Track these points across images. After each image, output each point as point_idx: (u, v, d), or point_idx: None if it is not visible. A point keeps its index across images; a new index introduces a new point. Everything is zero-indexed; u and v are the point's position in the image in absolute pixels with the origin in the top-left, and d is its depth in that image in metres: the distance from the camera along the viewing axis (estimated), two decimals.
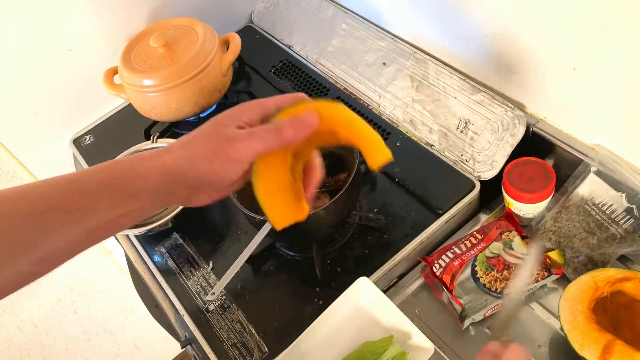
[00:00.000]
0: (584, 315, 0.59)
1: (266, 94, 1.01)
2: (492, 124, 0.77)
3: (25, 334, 1.34)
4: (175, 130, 1.00)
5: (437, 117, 0.83)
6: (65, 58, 0.98)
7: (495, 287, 0.66)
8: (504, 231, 0.71)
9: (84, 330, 1.46)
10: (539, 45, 0.71)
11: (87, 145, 1.05)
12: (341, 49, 0.99)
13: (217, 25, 0.99)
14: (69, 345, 1.45)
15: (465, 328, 0.66)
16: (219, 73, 0.93)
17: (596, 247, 0.66)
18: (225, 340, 0.72)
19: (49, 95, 1.00)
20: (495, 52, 0.79)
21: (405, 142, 0.85)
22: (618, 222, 0.65)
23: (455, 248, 0.71)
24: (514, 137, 0.75)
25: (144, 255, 0.86)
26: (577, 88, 0.70)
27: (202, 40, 0.91)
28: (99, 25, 0.99)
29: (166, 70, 0.88)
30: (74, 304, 1.39)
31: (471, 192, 0.76)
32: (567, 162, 0.75)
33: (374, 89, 0.92)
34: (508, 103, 0.78)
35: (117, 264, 1.37)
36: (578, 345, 0.57)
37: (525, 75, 0.77)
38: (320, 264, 0.74)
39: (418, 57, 0.89)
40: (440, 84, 0.84)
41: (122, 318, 1.52)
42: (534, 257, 0.57)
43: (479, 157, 0.77)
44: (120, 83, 0.95)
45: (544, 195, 0.69)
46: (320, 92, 0.97)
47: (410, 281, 0.73)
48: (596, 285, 0.61)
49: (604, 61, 0.64)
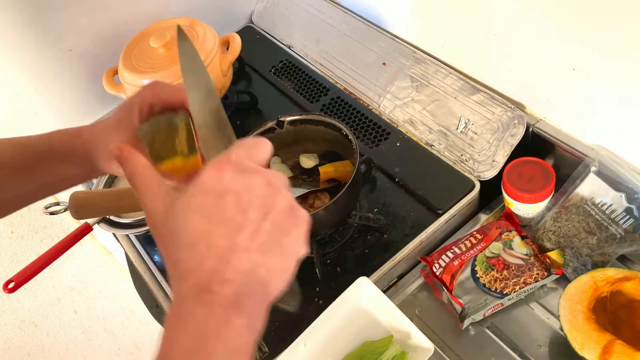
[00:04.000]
0: (584, 315, 0.59)
1: (266, 94, 1.01)
2: (492, 124, 0.77)
3: (25, 334, 1.34)
4: None
5: (437, 117, 0.83)
6: (65, 58, 0.98)
7: (495, 287, 0.66)
8: (503, 231, 0.71)
9: (84, 330, 1.46)
10: (538, 45, 0.71)
11: None
12: (341, 49, 0.99)
13: (217, 25, 0.99)
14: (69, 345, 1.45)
15: (465, 328, 0.66)
16: (219, 73, 0.93)
17: (596, 247, 0.66)
18: None
19: (49, 95, 1.00)
20: (495, 52, 0.79)
21: (405, 142, 0.85)
22: (618, 222, 0.65)
23: (455, 248, 0.71)
24: (514, 137, 0.75)
25: (144, 255, 0.86)
26: (577, 88, 0.70)
27: (202, 41, 0.91)
28: (99, 25, 0.99)
29: (166, 71, 0.88)
30: (74, 304, 1.39)
31: (471, 192, 0.76)
32: (567, 162, 0.75)
33: (374, 89, 0.92)
34: (508, 103, 0.78)
35: (117, 264, 1.37)
36: (578, 345, 0.57)
37: (525, 75, 0.77)
38: (320, 264, 0.74)
39: (418, 57, 0.89)
40: (440, 84, 0.84)
41: (122, 318, 1.52)
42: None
43: (478, 157, 0.77)
44: (120, 83, 0.95)
45: (544, 195, 0.69)
46: (320, 92, 0.97)
47: (410, 281, 0.73)
48: (596, 285, 0.61)
49: (604, 61, 0.64)
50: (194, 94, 0.40)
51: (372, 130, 0.88)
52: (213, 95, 0.41)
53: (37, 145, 0.50)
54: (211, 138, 0.40)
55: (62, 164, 0.50)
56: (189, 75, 0.41)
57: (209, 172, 0.33)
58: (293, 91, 1.00)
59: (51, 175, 0.50)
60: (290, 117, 0.82)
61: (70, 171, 0.50)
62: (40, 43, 0.95)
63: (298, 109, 0.96)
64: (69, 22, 0.96)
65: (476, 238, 0.71)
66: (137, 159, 0.37)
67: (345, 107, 0.93)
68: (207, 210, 0.32)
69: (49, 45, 0.96)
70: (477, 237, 0.71)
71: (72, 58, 0.99)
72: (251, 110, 1.00)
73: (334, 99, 0.95)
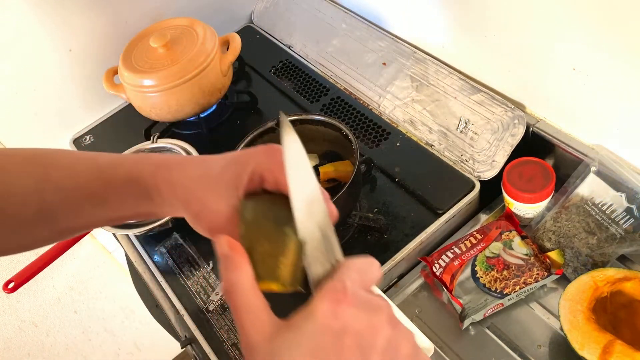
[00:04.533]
0: (584, 315, 0.59)
1: (266, 94, 1.01)
2: (492, 124, 0.77)
3: (25, 334, 1.34)
4: (175, 130, 1.00)
5: (437, 117, 0.83)
6: (65, 58, 0.98)
7: (495, 287, 0.66)
8: (503, 231, 0.71)
9: (84, 330, 1.46)
10: (539, 45, 0.71)
11: (87, 145, 1.05)
12: (341, 49, 0.99)
13: (217, 25, 0.99)
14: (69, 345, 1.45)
15: (465, 328, 0.66)
16: (219, 73, 0.93)
17: (596, 247, 0.66)
18: (225, 340, 0.72)
19: (49, 95, 1.00)
20: (496, 52, 0.79)
21: (405, 142, 0.85)
22: (618, 222, 0.65)
23: (455, 248, 0.71)
24: (514, 137, 0.75)
25: (144, 255, 0.86)
26: (577, 88, 0.70)
27: (202, 41, 0.91)
28: (99, 25, 0.99)
29: (166, 70, 0.88)
30: (74, 304, 1.39)
31: (471, 192, 0.76)
32: (567, 162, 0.75)
33: (374, 89, 0.92)
34: (508, 103, 0.78)
35: (117, 264, 1.37)
36: (578, 345, 0.57)
37: (526, 75, 0.77)
38: None
39: (418, 57, 0.89)
40: (440, 84, 0.84)
41: (122, 318, 1.52)
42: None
43: (479, 157, 0.77)
44: (120, 83, 0.95)
45: (544, 195, 0.69)
46: (320, 92, 0.97)
47: (410, 281, 0.73)
48: (596, 285, 0.61)
49: (604, 61, 0.64)
50: (300, 203, 0.35)
51: (372, 130, 0.88)
52: (320, 202, 0.36)
53: (116, 172, 0.42)
54: (316, 252, 0.34)
55: (141, 199, 0.42)
56: (294, 178, 0.35)
57: (324, 304, 0.28)
58: (293, 91, 1.00)
59: (126, 208, 0.43)
60: (290, 117, 0.82)
61: (148, 208, 0.43)
62: (40, 43, 0.95)
63: (298, 109, 0.96)
64: (69, 22, 0.96)
65: (476, 238, 0.71)
66: (245, 271, 0.32)
67: (345, 107, 0.93)
68: (321, 354, 0.27)
69: (49, 45, 0.96)
70: (477, 237, 0.71)
71: (72, 58, 0.99)
72: (251, 110, 1.00)
73: (334, 99, 0.95)
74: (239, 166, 0.40)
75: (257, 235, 0.37)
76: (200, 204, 0.39)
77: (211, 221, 0.39)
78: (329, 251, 0.35)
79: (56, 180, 0.41)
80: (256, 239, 0.37)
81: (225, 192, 0.39)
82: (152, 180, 0.41)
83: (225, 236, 0.33)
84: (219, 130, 0.98)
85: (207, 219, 0.40)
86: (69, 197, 0.41)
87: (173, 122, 0.98)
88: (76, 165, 0.42)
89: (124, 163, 0.42)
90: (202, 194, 0.40)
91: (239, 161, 0.40)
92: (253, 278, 0.32)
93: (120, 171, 0.42)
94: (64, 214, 0.42)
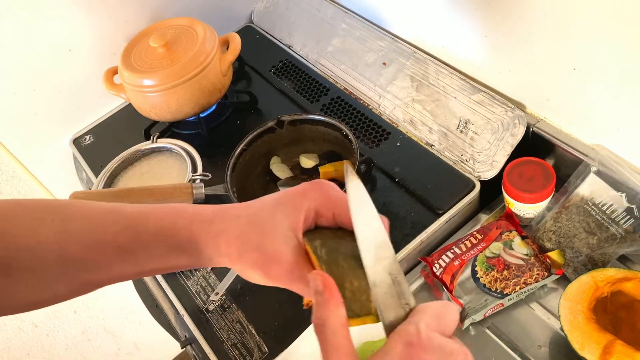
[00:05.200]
0: (584, 315, 0.59)
1: (266, 94, 1.01)
2: (492, 124, 0.77)
3: (25, 334, 1.34)
4: (175, 130, 1.00)
5: (437, 117, 0.83)
6: (65, 58, 0.98)
7: (495, 287, 0.66)
8: (504, 231, 0.71)
9: (84, 330, 1.46)
10: (539, 45, 0.71)
11: (87, 145, 1.05)
12: (341, 49, 0.99)
13: (217, 25, 0.99)
14: (69, 345, 1.45)
15: (465, 328, 0.66)
16: (218, 73, 0.93)
17: (596, 247, 0.66)
18: (225, 340, 0.72)
19: (49, 95, 1.00)
20: (496, 52, 0.79)
21: (405, 142, 0.85)
22: (618, 222, 0.65)
23: (455, 248, 0.71)
24: (514, 137, 0.75)
25: None
26: (577, 88, 0.70)
27: (202, 40, 0.91)
28: (99, 25, 0.99)
29: (166, 70, 0.88)
30: (74, 304, 1.39)
31: (471, 192, 0.76)
32: (567, 162, 0.75)
33: (374, 89, 0.92)
34: (508, 103, 0.78)
35: None
36: (578, 346, 0.57)
37: (526, 75, 0.77)
38: None
39: (418, 57, 0.89)
40: (440, 84, 0.84)
41: (122, 318, 1.52)
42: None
43: (479, 157, 0.77)
44: (120, 83, 0.95)
45: (544, 195, 0.69)
46: (320, 92, 0.97)
47: (410, 281, 0.73)
48: (596, 285, 0.61)
49: (604, 61, 0.64)
50: (367, 250, 0.35)
51: (372, 130, 0.88)
52: (388, 248, 0.35)
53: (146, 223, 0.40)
54: (387, 297, 0.34)
55: (173, 252, 0.40)
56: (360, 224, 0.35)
57: (397, 347, 0.29)
58: (293, 91, 0.99)
59: (156, 262, 0.41)
60: (290, 117, 0.82)
61: (179, 261, 0.41)
62: (40, 43, 0.95)
63: (298, 108, 0.96)
64: (69, 22, 0.96)
65: (476, 238, 0.71)
66: (339, 311, 0.32)
67: (345, 107, 0.93)
68: None
69: (49, 45, 0.96)
70: (477, 237, 0.71)
71: (72, 58, 0.99)
72: (251, 110, 1.00)
73: (334, 99, 0.95)
74: (290, 206, 0.39)
75: (341, 272, 0.37)
76: (257, 252, 0.38)
77: (273, 268, 0.38)
78: (401, 296, 0.35)
79: (75, 230, 0.39)
80: (342, 277, 0.36)
81: (283, 235, 0.38)
82: (186, 233, 0.39)
83: (320, 273, 0.33)
84: (219, 130, 0.98)
85: (268, 267, 0.38)
86: (92, 249, 0.39)
87: (173, 122, 0.98)
88: (98, 215, 0.40)
89: (153, 214, 0.40)
90: (257, 242, 0.38)
91: (289, 201, 0.39)
92: (345, 318, 0.32)
93: (152, 223, 0.40)
94: (85, 267, 0.40)
